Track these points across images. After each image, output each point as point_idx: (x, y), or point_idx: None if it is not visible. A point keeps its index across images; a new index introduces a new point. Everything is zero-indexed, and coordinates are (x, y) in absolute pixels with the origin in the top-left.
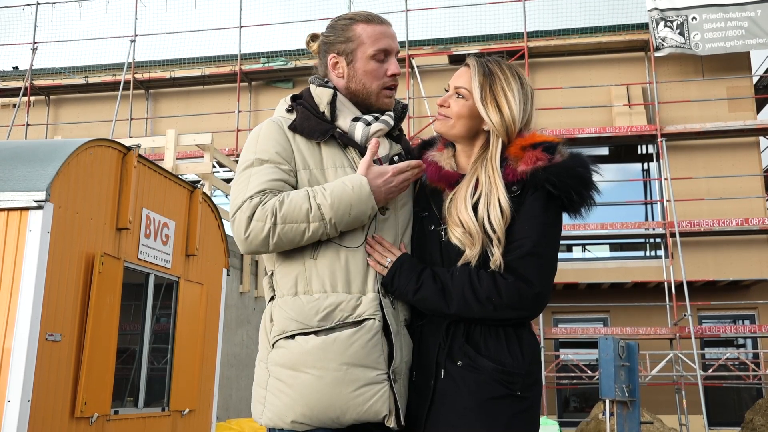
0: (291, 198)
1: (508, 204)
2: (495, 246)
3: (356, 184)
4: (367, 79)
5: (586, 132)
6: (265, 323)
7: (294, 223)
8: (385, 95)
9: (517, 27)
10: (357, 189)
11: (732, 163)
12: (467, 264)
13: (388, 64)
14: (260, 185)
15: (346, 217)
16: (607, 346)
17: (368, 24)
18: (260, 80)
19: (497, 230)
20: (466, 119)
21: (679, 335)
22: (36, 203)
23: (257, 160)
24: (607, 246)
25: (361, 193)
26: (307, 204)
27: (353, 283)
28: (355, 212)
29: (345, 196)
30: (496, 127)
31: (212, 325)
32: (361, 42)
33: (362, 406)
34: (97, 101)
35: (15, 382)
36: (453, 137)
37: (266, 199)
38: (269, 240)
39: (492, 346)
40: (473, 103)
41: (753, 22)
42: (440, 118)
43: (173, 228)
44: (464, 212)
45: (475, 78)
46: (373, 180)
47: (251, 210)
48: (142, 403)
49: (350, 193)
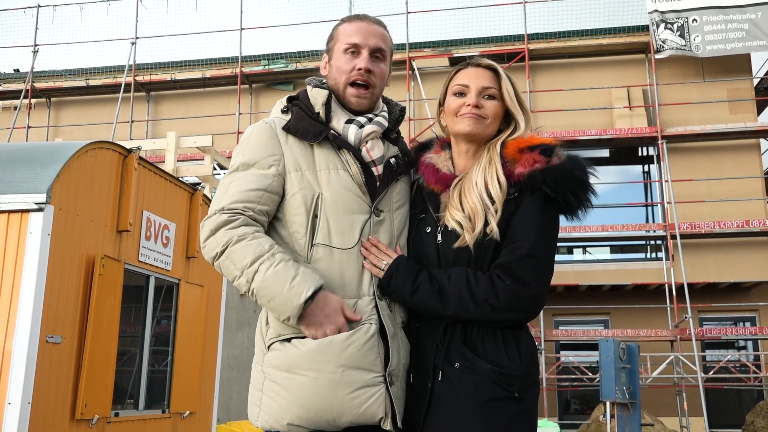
0: (248, 243)
1: (504, 180)
2: (491, 217)
3: (298, 287)
4: (337, 74)
5: (586, 134)
6: (261, 326)
7: (232, 265)
8: (351, 93)
9: (518, 29)
10: (293, 292)
11: (732, 165)
12: (464, 265)
13: (357, 59)
14: (237, 195)
15: (264, 300)
16: (608, 348)
17: (349, 22)
18: (261, 82)
19: (496, 201)
20: (499, 119)
21: (680, 337)
22: (36, 205)
23: (242, 164)
24: (607, 248)
25: (290, 298)
26: (252, 260)
27: (348, 287)
28: (274, 305)
29: (278, 286)
30: (524, 124)
31: (213, 328)
32: (337, 39)
33: (358, 408)
34: (98, 104)
35: (15, 384)
36: (483, 137)
37: (235, 222)
38: (214, 262)
39: (489, 348)
40: (502, 104)
41: (753, 24)
42: (475, 117)
43: (174, 230)
44: (473, 193)
45: (506, 79)
46: (320, 304)
47: (216, 225)
48: (143, 405)
49: (284, 288)
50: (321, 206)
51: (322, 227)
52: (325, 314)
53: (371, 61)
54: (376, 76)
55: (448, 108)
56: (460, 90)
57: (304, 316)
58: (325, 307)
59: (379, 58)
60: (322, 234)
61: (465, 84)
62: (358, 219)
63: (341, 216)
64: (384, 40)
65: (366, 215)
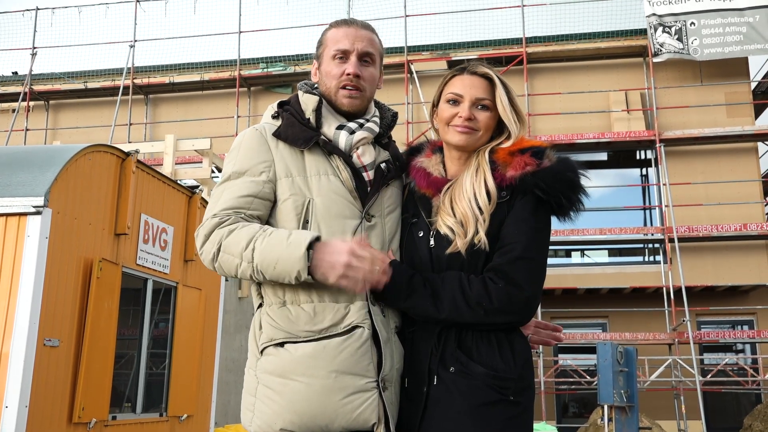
0: (240, 230)
1: (494, 188)
2: (480, 226)
3: (296, 240)
4: (327, 79)
5: (584, 137)
6: (254, 330)
7: (230, 255)
8: (342, 95)
9: (516, 33)
10: (292, 246)
11: (730, 169)
12: (457, 269)
13: (346, 65)
14: (228, 202)
15: (270, 269)
16: (606, 352)
17: (336, 27)
18: (259, 85)
19: (484, 211)
20: (491, 130)
21: (678, 340)
22: (34, 209)
23: (234, 173)
24: (605, 251)
25: (292, 252)
26: (246, 241)
27: (341, 292)
28: (280, 269)
29: (277, 248)
30: (518, 133)
31: (210, 331)
32: (326, 44)
33: (351, 413)
34: (97, 106)
35: (13, 387)
36: (474, 148)
37: (226, 221)
38: (214, 263)
39: (484, 352)
40: (496, 113)
41: (751, 28)
42: (467, 132)
43: (172, 233)
44: (464, 200)
45: (501, 89)
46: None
47: (210, 229)
48: (140, 408)
49: (283, 247)
50: (312, 212)
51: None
52: (331, 254)
53: (360, 65)
54: (365, 80)
55: (440, 115)
56: (453, 99)
57: (313, 267)
58: (328, 248)
59: (367, 62)
60: None
61: (459, 93)
62: (349, 224)
63: (332, 221)
64: (372, 44)
65: (357, 220)
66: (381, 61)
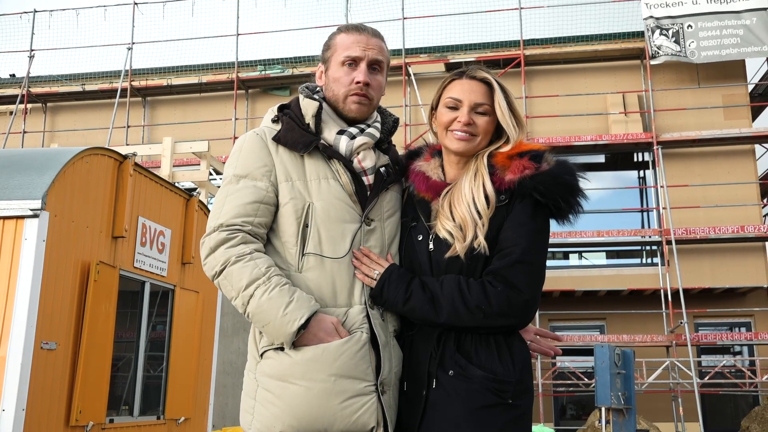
0: (245, 263)
1: (493, 192)
2: (479, 230)
3: (291, 316)
4: (335, 85)
5: (582, 140)
6: (254, 334)
7: (229, 285)
8: (351, 101)
9: (514, 35)
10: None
11: (728, 171)
12: (456, 273)
13: (356, 72)
14: (234, 210)
15: (259, 325)
16: (603, 354)
17: (347, 33)
18: (257, 88)
19: (483, 216)
20: (489, 135)
21: (676, 343)
22: (32, 212)
23: (235, 176)
24: (603, 253)
25: (284, 325)
26: (248, 282)
27: (339, 296)
28: (268, 330)
29: (272, 312)
30: (517, 138)
31: (208, 333)
32: (335, 50)
33: (350, 417)
34: (94, 109)
35: (10, 390)
36: (473, 153)
37: (234, 240)
38: (215, 279)
39: (483, 355)
40: (495, 118)
41: (748, 30)
42: (466, 137)
43: (169, 236)
44: (462, 204)
45: (499, 94)
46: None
47: (217, 243)
48: (138, 411)
49: (278, 315)
50: (312, 216)
51: (312, 236)
52: (318, 338)
53: (369, 73)
54: (373, 88)
55: (439, 120)
56: (452, 104)
57: (298, 341)
58: (318, 331)
59: (376, 69)
60: (313, 243)
61: (458, 98)
62: (348, 228)
63: (332, 225)
64: (381, 52)
65: (357, 224)
66: (388, 68)
